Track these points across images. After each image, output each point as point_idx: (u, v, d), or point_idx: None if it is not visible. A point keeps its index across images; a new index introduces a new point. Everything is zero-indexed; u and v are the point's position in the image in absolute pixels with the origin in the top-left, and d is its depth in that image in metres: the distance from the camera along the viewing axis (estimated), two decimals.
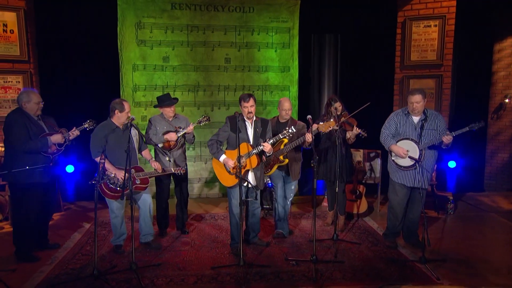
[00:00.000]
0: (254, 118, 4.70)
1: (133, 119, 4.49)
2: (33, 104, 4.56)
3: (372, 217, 6.11)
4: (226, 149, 4.77)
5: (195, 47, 7.31)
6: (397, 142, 4.70)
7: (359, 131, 5.02)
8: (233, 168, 4.56)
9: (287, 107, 5.10)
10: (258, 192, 4.84)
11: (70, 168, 7.28)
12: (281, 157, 5.02)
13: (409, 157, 4.55)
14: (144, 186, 4.67)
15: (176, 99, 5.43)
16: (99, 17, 7.09)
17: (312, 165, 4.36)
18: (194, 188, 7.43)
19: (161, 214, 5.34)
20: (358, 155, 6.57)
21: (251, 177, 4.69)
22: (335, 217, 5.05)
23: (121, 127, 4.65)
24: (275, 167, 5.09)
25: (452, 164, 7.77)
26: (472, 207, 6.70)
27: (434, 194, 6.30)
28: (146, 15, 7.08)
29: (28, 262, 4.52)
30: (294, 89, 7.56)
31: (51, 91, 6.90)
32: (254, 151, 4.51)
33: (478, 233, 5.50)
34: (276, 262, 4.50)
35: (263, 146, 4.46)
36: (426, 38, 6.77)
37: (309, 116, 4.67)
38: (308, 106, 8.31)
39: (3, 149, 5.12)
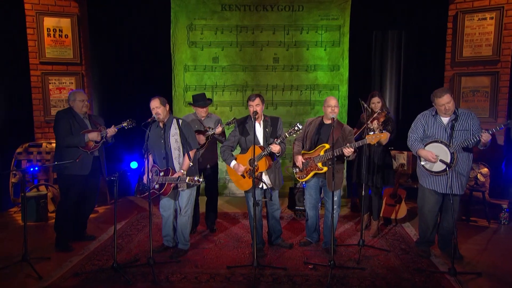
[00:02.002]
0: (263, 117, 4.61)
1: (153, 119, 4.54)
2: (78, 102, 4.87)
3: (413, 223, 5.74)
4: (240, 153, 4.72)
5: (244, 47, 7.38)
6: (425, 145, 4.36)
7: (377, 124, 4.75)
8: (246, 172, 4.52)
9: (334, 103, 4.54)
10: (276, 193, 4.75)
11: (134, 164, 7.64)
12: (319, 164, 4.57)
13: (440, 160, 4.20)
14: (158, 192, 4.49)
15: (210, 100, 5.45)
16: (151, 21, 7.39)
17: (330, 166, 4.19)
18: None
19: None
20: (402, 158, 6.24)
21: (265, 179, 4.59)
22: (362, 221, 4.80)
23: (161, 125, 4.61)
24: (311, 173, 4.64)
25: None
26: None
27: (485, 201, 5.77)
28: (197, 17, 7.27)
29: (63, 252, 4.80)
30: (344, 88, 7.34)
31: (105, 92, 7.35)
32: (264, 153, 4.40)
33: None
34: (294, 265, 4.39)
35: (271, 147, 4.33)
36: (480, 32, 6.24)
37: (333, 116, 4.49)
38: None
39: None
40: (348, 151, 4.34)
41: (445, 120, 4.33)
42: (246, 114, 7.07)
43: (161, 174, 4.50)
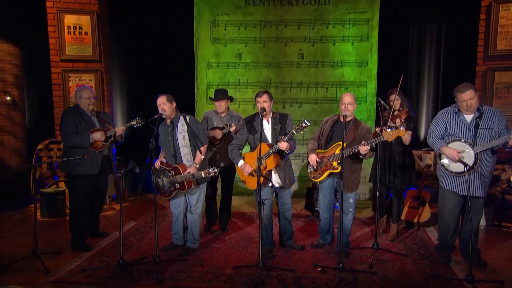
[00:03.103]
0: (272, 114, 4.44)
1: (161, 115, 4.42)
2: (84, 99, 4.77)
3: (437, 227, 5.34)
4: (249, 151, 4.57)
5: (268, 43, 7.23)
6: (447, 144, 4.04)
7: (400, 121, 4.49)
8: (253, 171, 4.36)
9: (348, 100, 4.31)
10: (287, 192, 4.56)
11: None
12: (334, 163, 4.33)
13: (460, 161, 3.88)
14: (180, 189, 4.43)
15: (231, 98, 5.28)
16: (174, 17, 7.37)
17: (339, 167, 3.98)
18: None
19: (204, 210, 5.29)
20: (428, 158, 5.90)
21: (274, 177, 4.42)
22: (377, 224, 4.52)
23: (168, 122, 4.55)
24: (326, 173, 4.40)
25: None
26: None
27: None
28: (221, 12, 7.18)
29: (79, 249, 4.73)
30: (372, 85, 7.04)
31: (126, 89, 7.37)
32: (272, 150, 4.23)
33: None
34: (303, 267, 4.20)
35: (279, 145, 4.17)
36: None
37: (346, 114, 4.27)
38: None
39: None
40: (364, 149, 4.10)
41: (468, 117, 4.01)
42: None
43: (172, 174, 4.39)
